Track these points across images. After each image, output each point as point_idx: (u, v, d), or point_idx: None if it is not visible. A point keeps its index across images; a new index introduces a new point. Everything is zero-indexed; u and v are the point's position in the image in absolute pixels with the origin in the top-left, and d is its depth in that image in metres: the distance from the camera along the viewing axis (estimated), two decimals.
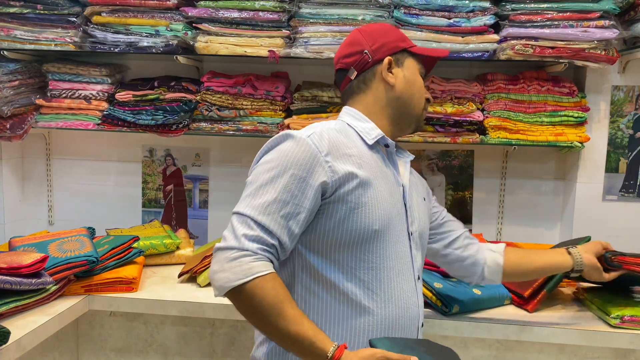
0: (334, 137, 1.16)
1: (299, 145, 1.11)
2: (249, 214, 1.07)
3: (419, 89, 1.30)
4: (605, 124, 2.15)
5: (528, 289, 1.66)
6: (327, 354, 0.99)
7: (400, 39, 1.30)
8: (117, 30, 2.07)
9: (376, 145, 1.24)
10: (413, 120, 1.32)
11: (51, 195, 2.53)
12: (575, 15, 1.90)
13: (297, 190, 1.09)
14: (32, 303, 1.58)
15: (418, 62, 1.31)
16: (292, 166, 1.09)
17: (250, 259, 1.04)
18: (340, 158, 1.13)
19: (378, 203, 1.14)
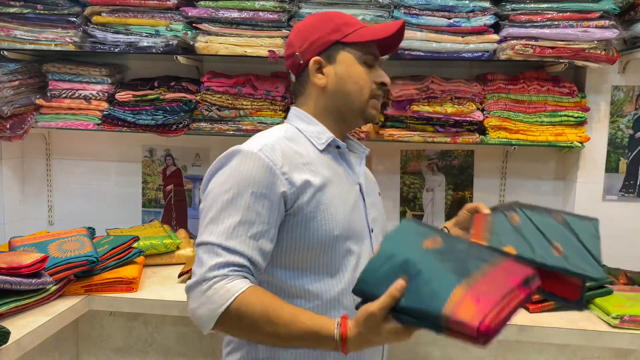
0: (286, 147, 1.13)
1: (252, 161, 1.07)
2: (215, 242, 1.03)
3: (356, 81, 1.19)
4: (605, 124, 2.15)
5: (537, 294, 1.66)
6: (334, 337, 0.96)
7: (334, 29, 1.20)
8: (117, 30, 2.07)
9: (327, 147, 1.20)
10: (357, 114, 1.22)
11: (51, 195, 2.53)
12: (575, 15, 1.90)
13: (261, 207, 1.06)
14: (32, 303, 1.58)
15: (358, 49, 1.19)
16: (250, 184, 1.06)
17: (225, 282, 1.00)
18: (295, 169, 1.10)
19: (336, 208, 1.12)
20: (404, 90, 2.04)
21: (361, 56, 1.20)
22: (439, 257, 0.93)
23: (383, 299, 0.90)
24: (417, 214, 2.36)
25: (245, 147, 1.10)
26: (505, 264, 0.91)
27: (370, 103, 1.21)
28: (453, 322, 0.84)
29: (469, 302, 0.84)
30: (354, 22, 1.23)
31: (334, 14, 1.24)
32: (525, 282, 0.88)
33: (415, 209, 2.37)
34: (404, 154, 2.36)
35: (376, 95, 1.22)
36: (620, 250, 2.17)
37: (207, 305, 1.00)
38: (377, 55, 1.23)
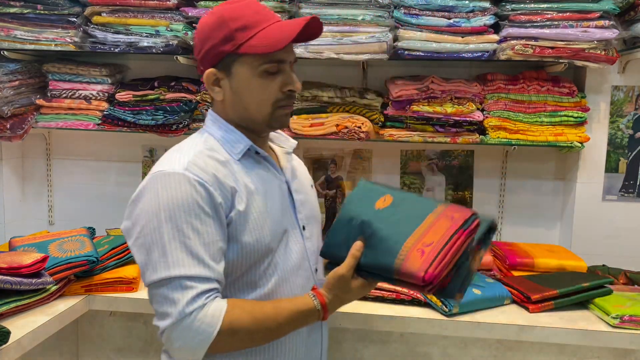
0: (208, 162, 1.08)
1: (182, 182, 1.03)
2: (178, 274, 0.99)
3: (254, 95, 1.12)
4: (605, 124, 2.15)
5: (537, 294, 1.66)
6: (316, 307, 1.08)
7: (226, 38, 1.08)
8: (117, 30, 2.07)
9: (245, 155, 1.15)
10: (262, 125, 1.16)
11: (51, 195, 2.53)
12: (575, 15, 1.90)
13: (208, 227, 1.03)
14: (32, 303, 1.58)
15: (256, 59, 1.09)
16: (189, 206, 1.02)
17: (205, 310, 0.99)
18: (223, 182, 1.07)
19: (264, 217, 1.11)
20: (404, 90, 2.04)
21: (259, 66, 1.10)
22: (390, 215, 1.06)
23: (347, 261, 1.04)
24: None
25: (167, 169, 1.05)
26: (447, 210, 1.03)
27: (276, 114, 1.14)
28: (403, 274, 0.98)
29: (416, 254, 0.97)
30: (253, 22, 1.09)
31: (229, 14, 1.09)
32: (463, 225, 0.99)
33: None
34: (404, 154, 2.36)
35: (282, 105, 1.14)
36: (620, 250, 2.17)
37: (197, 337, 0.99)
38: (283, 59, 1.12)
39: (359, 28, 1.95)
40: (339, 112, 2.09)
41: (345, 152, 2.38)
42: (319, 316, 1.09)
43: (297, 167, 1.31)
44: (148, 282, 1.04)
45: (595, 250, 2.17)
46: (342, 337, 1.76)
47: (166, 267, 1.00)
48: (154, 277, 1.02)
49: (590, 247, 2.17)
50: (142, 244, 1.04)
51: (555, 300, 1.67)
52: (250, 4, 1.12)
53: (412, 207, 1.06)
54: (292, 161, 1.29)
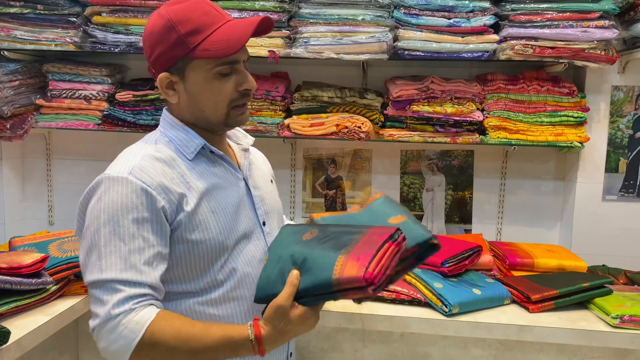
0: (155, 165, 1.08)
1: (124, 186, 1.04)
2: (110, 278, 1.00)
3: (209, 97, 1.12)
4: (605, 124, 2.15)
5: (537, 294, 1.66)
6: (249, 338, 1.00)
7: (177, 42, 1.07)
8: (117, 30, 2.07)
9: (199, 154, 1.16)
10: (219, 125, 1.16)
11: (51, 195, 2.53)
12: (575, 15, 1.90)
13: (146, 232, 1.03)
14: (32, 303, 1.58)
15: (207, 62, 1.09)
16: (128, 210, 1.02)
17: (132, 316, 0.99)
18: (169, 184, 1.07)
19: (217, 215, 1.11)
20: (404, 90, 2.04)
21: (213, 69, 1.10)
22: (318, 242, 1.05)
23: (285, 289, 0.98)
24: (417, 214, 2.36)
25: (112, 172, 1.07)
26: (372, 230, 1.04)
27: (232, 114, 1.14)
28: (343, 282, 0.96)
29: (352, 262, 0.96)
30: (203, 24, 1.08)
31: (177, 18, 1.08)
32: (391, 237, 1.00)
33: (415, 209, 2.37)
34: (404, 154, 2.36)
35: (237, 105, 1.14)
36: (620, 250, 2.17)
37: (118, 341, 0.98)
38: (236, 60, 1.11)
39: (359, 28, 1.95)
40: (339, 112, 2.09)
41: (345, 152, 2.38)
42: (252, 348, 0.99)
43: (256, 162, 1.31)
44: (85, 282, 1.05)
45: (595, 250, 2.17)
46: (342, 337, 1.76)
47: (99, 270, 1.01)
48: (89, 279, 1.03)
49: (590, 247, 2.17)
50: (83, 245, 1.06)
51: (555, 300, 1.67)
52: (197, 4, 1.10)
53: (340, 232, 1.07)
54: (249, 157, 1.28)
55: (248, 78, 1.14)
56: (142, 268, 1.02)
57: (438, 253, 1.81)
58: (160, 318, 1.00)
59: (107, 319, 0.99)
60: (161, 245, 1.06)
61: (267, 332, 0.99)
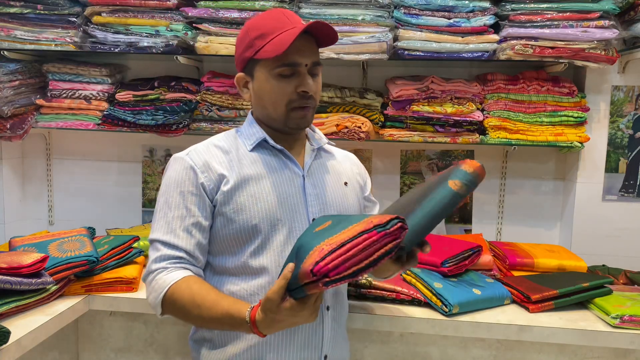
0: (211, 150, 1.27)
1: (178, 164, 1.24)
2: (155, 238, 1.22)
3: (269, 97, 1.24)
4: (605, 124, 2.15)
5: (537, 294, 1.66)
6: (246, 319, 1.07)
7: (248, 45, 1.23)
8: (117, 30, 2.07)
9: (258, 146, 1.29)
10: (280, 124, 1.27)
11: (51, 195, 2.53)
12: (575, 15, 1.90)
13: (189, 202, 1.21)
14: (32, 303, 1.58)
15: (269, 64, 1.21)
16: (177, 184, 1.22)
17: (164, 274, 1.18)
18: (214, 165, 1.23)
19: (256, 200, 1.22)
20: (404, 90, 2.04)
21: (272, 70, 1.21)
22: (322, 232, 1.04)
23: (277, 282, 1.02)
24: None
25: (178, 154, 1.27)
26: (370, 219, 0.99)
27: (291, 115, 1.24)
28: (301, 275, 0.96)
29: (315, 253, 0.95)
30: (270, 29, 1.20)
31: (252, 25, 1.24)
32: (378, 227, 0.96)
33: None
34: (404, 154, 2.36)
35: (296, 107, 1.24)
36: (620, 250, 2.17)
37: (152, 294, 1.19)
38: (295, 62, 1.21)
39: (359, 28, 1.95)
40: (339, 112, 2.09)
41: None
42: (249, 328, 1.07)
43: (329, 164, 1.37)
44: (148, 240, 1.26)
45: (595, 250, 2.17)
46: None
47: (153, 231, 1.24)
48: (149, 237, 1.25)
49: (590, 247, 2.17)
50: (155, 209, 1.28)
51: (555, 300, 1.67)
52: (274, 13, 1.24)
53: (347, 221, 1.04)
54: (322, 157, 1.37)
55: (306, 81, 1.21)
56: (180, 233, 1.20)
57: (438, 253, 1.84)
58: (182, 281, 1.16)
59: (147, 272, 1.21)
60: (201, 216, 1.22)
61: (261, 318, 1.05)
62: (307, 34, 1.20)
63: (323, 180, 1.32)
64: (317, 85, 1.25)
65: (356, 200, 1.39)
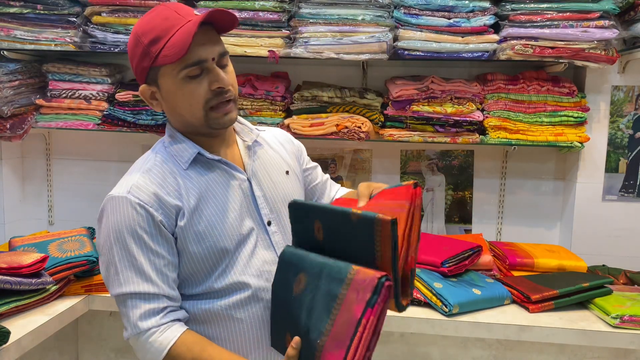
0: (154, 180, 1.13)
1: (124, 205, 1.10)
2: (129, 292, 1.08)
3: (183, 101, 1.11)
4: (605, 124, 2.15)
5: (537, 295, 1.66)
6: None
7: (143, 54, 1.08)
8: (117, 30, 2.07)
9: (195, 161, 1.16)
10: (203, 128, 1.15)
11: (51, 195, 2.53)
12: (575, 15, 1.90)
13: (153, 244, 1.09)
14: (32, 303, 1.58)
15: (173, 67, 1.08)
16: (133, 227, 1.09)
17: (156, 336, 1.07)
18: (165, 199, 1.11)
19: (214, 225, 1.13)
20: (404, 90, 2.04)
21: (178, 74, 1.08)
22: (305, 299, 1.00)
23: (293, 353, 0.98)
24: None
25: (115, 192, 1.13)
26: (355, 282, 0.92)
27: (212, 115, 1.12)
28: None
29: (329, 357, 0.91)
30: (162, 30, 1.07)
31: (141, 29, 1.09)
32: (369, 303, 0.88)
33: None
34: (404, 154, 2.36)
35: (214, 105, 1.11)
36: (620, 250, 2.17)
37: (147, 356, 1.08)
38: (202, 59, 1.08)
39: (359, 28, 1.95)
40: (339, 112, 2.09)
41: (345, 152, 2.38)
42: None
43: (264, 156, 1.27)
44: (111, 296, 1.13)
45: (595, 250, 2.17)
46: None
47: (119, 285, 1.09)
48: (112, 292, 1.12)
49: (590, 247, 2.17)
50: (103, 261, 1.13)
51: (555, 300, 1.67)
52: (161, 10, 1.10)
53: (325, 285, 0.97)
54: (257, 152, 1.26)
55: (219, 76, 1.09)
56: (156, 279, 1.09)
57: (438, 253, 1.84)
58: (180, 341, 1.08)
59: (135, 332, 1.08)
60: (170, 254, 1.12)
61: None
62: (205, 25, 1.08)
63: (266, 177, 1.23)
64: (230, 76, 1.13)
65: (299, 185, 1.33)
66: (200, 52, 1.07)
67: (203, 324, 1.16)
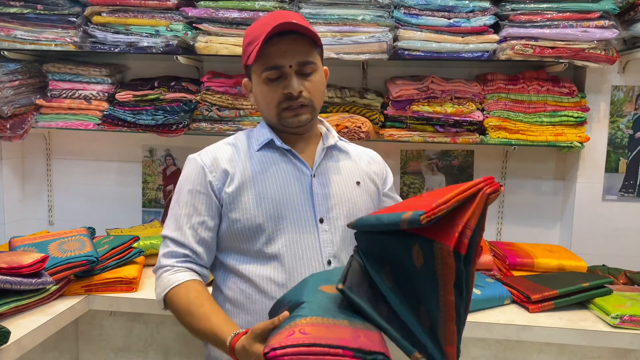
0: (221, 149, 1.31)
1: (190, 164, 1.29)
2: (165, 234, 1.27)
3: (262, 100, 1.28)
4: (605, 124, 2.15)
5: (537, 294, 1.66)
6: (226, 344, 1.07)
7: (244, 53, 1.27)
8: (117, 30, 2.07)
9: (266, 146, 1.31)
10: (276, 124, 1.30)
11: (51, 195, 2.53)
12: (575, 15, 1.90)
13: (196, 201, 1.25)
14: (32, 303, 1.58)
15: (256, 68, 1.25)
16: (187, 183, 1.27)
17: (169, 273, 1.23)
18: (221, 164, 1.27)
19: (261, 199, 1.24)
20: (404, 90, 2.04)
21: (260, 75, 1.24)
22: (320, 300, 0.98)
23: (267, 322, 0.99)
24: None
25: (192, 154, 1.31)
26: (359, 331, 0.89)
27: (283, 116, 1.26)
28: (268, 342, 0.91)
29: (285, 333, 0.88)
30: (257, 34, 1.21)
31: (247, 31, 1.27)
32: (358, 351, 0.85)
33: None
34: (404, 154, 2.36)
35: (285, 108, 1.25)
36: (620, 250, 2.17)
37: (157, 289, 1.25)
38: (278, 65, 1.21)
39: (359, 28, 1.95)
40: (339, 112, 2.09)
41: None
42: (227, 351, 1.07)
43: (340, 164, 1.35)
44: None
45: (595, 250, 2.17)
46: None
47: (164, 227, 1.29)
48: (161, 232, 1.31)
49: (590, 247, 2.17)
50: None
51: (555, 300, 1.67)
52: (265, 17, 1.24)
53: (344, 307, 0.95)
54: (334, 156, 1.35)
55: (290, 83, 1.22)
56: (187, 231, 1.24)
57: None
58: (182, 286, 1.20)
59: (156, 268, 1.26)
60: (208, 215, 1.26)
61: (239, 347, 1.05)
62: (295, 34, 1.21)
63: (333, 180, 1.31)
64: (310, 84, 1.24)
65: (369, 200, 1.37)
66: (279, 59, 1.21)
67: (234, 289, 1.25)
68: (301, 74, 1.23)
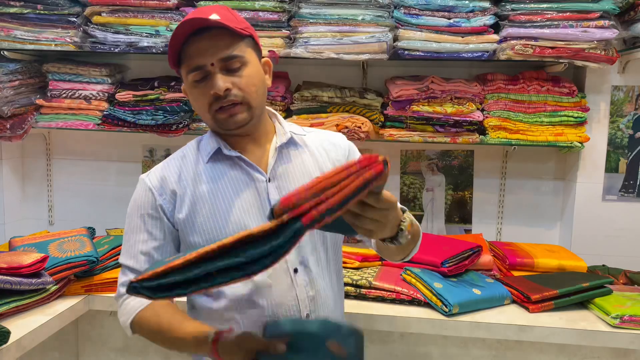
0: (170, 167, 1.23)
1: (140, 187, 1.23)
2: (121, 262, 1.22)
3: (195, 103, 1.18)
4: (605, 124, 2.15)
5: (537, 294, 1.66)
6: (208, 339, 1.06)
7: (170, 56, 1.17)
8: (117, 30, 2.07)
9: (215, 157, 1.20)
10: (216, 128, 1.20)
11: (51, 195, 2.53)
12: (575, 15, 1.90)
13: (149, 226, 1.19)
14: (32, 303, 1.58)
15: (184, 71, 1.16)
16: (137, 207, 1.21)
17: (130, 299, 1.19)
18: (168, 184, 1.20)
19: (217, 216, 1.15)
20: (404, 90, 2.04)
21: (187, 78, 1.16)
22: None
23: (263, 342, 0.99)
24: (417, 214, 2.36)
25: (142, 174, 1.26)
26: None
27: (218, 118, 1.15)
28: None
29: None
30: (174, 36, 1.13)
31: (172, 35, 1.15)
32: None
33: (415, 209, 2.37)
34: (404, 154, 2.36)
35: (217, 109, 1.14)
36: (620, 250, 2.17)
37: (122, 317, 1.20)
38: (200, 65, 1.12)
39: (359, 28, 1.95)
40: (339, 112, 2.09)
41: None
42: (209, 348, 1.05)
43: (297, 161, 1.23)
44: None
45: (595, 250, 2.17)
46: None
47: (121, 254, 1.24)
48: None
49: (590, 247, 2.17)
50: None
51: (555, 300, 1.67)
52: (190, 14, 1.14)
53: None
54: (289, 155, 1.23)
55: (213, 81, 1.12)
56: (141, 258, 1.19)
57: (438, 253, 1.84)
58: (148, 308, 1.17)
59: (118, 296, 1.22)
60: (163, 239, 1.20)
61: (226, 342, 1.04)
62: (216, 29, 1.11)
63: (291, 181, 1.19)
64: (239, 80, 1.13)
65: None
66: (198, 59, 1.12)
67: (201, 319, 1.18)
68: (227, 70, 1.12)
